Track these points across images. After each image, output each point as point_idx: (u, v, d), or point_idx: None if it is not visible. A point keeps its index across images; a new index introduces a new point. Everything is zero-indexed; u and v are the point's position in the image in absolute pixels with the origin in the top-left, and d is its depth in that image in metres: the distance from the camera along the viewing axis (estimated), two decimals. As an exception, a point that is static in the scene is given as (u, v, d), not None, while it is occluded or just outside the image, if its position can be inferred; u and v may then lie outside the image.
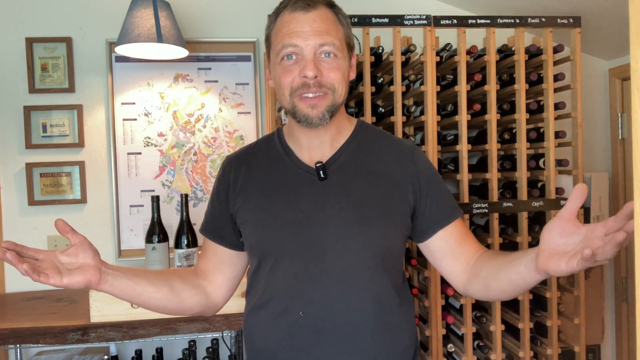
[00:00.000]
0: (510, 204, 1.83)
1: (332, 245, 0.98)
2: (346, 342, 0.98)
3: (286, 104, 1.00)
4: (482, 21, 1.82)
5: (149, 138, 2.20)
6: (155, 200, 1.81)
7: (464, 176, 1.81)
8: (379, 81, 1.80)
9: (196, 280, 1.10)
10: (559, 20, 1.86)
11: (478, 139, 1.95)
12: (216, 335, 2.04)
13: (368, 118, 1.75)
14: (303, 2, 0.97)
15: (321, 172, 1.00)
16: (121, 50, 1.91)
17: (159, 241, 1.75)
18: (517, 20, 1.83)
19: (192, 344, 1.98)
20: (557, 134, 1.88)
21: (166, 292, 1.02)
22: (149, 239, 1.74)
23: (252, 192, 1.06)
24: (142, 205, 2.19)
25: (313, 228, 0.98)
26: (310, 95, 0.96)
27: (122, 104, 2.18)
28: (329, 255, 0.98)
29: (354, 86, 1.86)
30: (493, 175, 1.83)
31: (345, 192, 1.00)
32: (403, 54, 1.80)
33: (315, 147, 1.04)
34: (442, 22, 1.80)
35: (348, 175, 1.02)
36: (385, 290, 1.00)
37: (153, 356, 2.03)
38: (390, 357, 1.02)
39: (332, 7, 1.01)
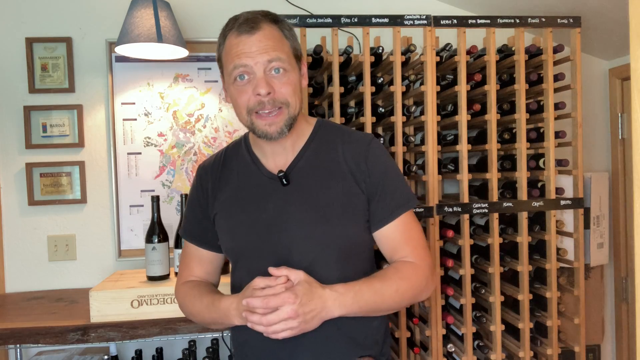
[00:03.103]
0: (510, 204, 1.83)
1: (296, 245, 1.06)
2: (315, 329, 1.03)
3: (244, 121, 1.07)
4: (482, 21, 1.82)
5: (149, 138, 2.20)
6: (155, 200, 1.80)
7: (464, 176, 1.81)
8: (379, 81, 1.80)
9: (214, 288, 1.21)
10: (559, 20, 1.86)
11: (478, 139, 1.95)
12: (216, 335, 2.04)
13: (368, 118, 1.75)
14: (247, 26, 1.02)
15: (283, 179, 1.07)
16: (121, 50, 1.91)
17: (159, 241, 1.75)
18: (517, 20, 1.83)
19: (192, 344, 1.98)
20: (557, 134, 1.88)
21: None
22: (149, 239, 1.74)
23: (224, 199, 1.14)
24: (142, 205, 2.19)
25: (279, 230, 1.06)
26: (267, 112, 1.03)
27: (122, 104, 2.18)
28: (295, 254, 1.06)
29: (354, 86, 1.86)
30: (493, 175, 1.83)
31: (307, 194, 1.07)
32: (403, 54, 1.80)
33: (278, 153, 1.11)
34: (442, 22, 1.80)
35: (308, 177, 1.08)
36: (349, 280, 1.04)
37: (153, 356, 2.03)
38: (357, 337, 1.08)
39: (276, 22, 1.05)
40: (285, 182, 1.08)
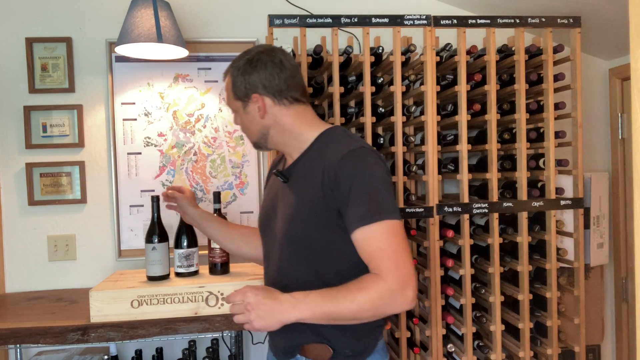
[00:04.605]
0: (510, 204, 1.83)
1: (276, 232, 1.25)
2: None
3: None
4: (482, 21, 1.82)
5: (149, 138, 2.20)
6: (155, 200, 1.79)
7: (464, 176, 1.81)
8: (379, 81, 1.80)
9: (253, 237, 1.49)
10: (559, 20, 1.86)
11: (478, 139, 1.95)
12: (216, 335, 2.04)
13: (368, 118, 1.75)
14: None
15: (279, 177, 1.25)
16: (121, 50, 1.91)
17: (159, 241, 1.74)
18: (517, 20, 1.83)
19: (192, 344, 1.98)
20: (557, 134, 1.88)
21: (229, 241, 1.52)
22: (149, 239, 1.74)
23: (268, 183, 1.43)
24: (142, 205, 2.19)
25: (271, 218, 1.30)
26: None
27: (122, 104, 2.18)
28: (276, 244, 1.25)
29: (354, 86, 1.86)
30: (493, 175, 1.83)
31: (289, 193, 1.23)
32: (403, 54, 1.80)
33: (287, 156, 1.31)
34: (442, 22, 1.80)
35: (296, 180, 1.23)
36: (308, 278, 1.18)
37: (153, 356, 2.03)
38: (321, 332, 1.18)
39: (233, 72, 1.23)
40: (282, 180, 1.24)
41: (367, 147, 1.17)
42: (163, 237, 1.75)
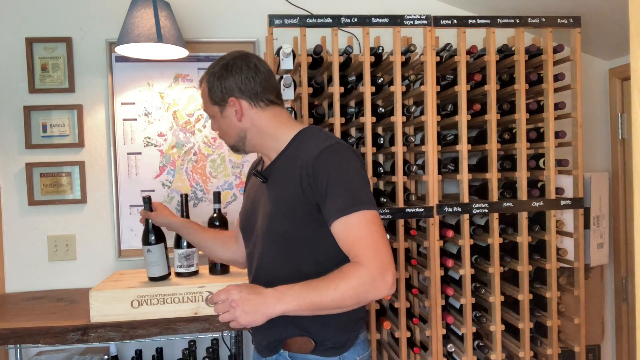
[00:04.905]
0: (510, 204, 1.83)
1: (258, 231, 1.28)
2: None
3: None
4: (482, 21, 1.81)
5: (149, 138, 2.20)
6: (147, 200, 1.69)
7: (464, 176, 1.81)
8: (379, 81, 1.80)
9: (230, 242, 1.53)
10: (559, 20, 1.86)
11: (478, 139, 1.95)
12: (216, 335, 2.04)
13: (368, 118, 1.75)
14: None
15: (258, 177, 1.29)
16: (121, 50, 1.91)
17: (155, 242, 1.72)
18: (517, 20, 1.83)
19: (192, 344, 1.98)
20: (557, 134, 1.88)
21: (206, 246, 1.55)
22: (144, 241, 1.71)
23: (247, 185, 1.47)
24: (142, 205, 2.19)
25: (252, 218, 1.33)
26: None
27: (122, 104, 2.18)
28: (258, 241, 1.28)
29: (354, 86, 1.86)
30: (493, 175, 1.83)
31: (269, 192, 1.26)
32: (403, 54, 1.80)
33: (265, 158, 1.34)
34: (442, 22, 1.80)
35: (275, 178, 1.26)
36: (290, 272, 1.20)
37: (153, 356, 2.03)
38: (303, 325, 1.21)
39: (209, 78, 1.26)
40: (262, 180, 1.27)
41: (342, 143, 1.20)
42: (159, 238, 1.73)
